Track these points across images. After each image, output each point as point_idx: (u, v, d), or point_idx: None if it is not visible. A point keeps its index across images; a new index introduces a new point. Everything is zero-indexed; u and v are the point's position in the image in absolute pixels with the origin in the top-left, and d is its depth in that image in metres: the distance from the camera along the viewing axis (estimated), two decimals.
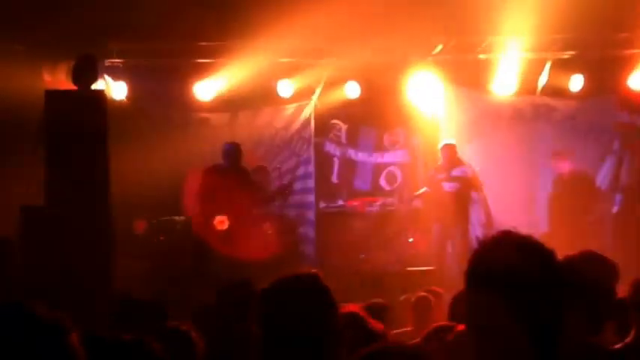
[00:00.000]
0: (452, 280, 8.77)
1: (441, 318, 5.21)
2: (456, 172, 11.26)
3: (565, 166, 11.59)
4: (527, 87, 12.04)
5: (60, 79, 10.08)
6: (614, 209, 12.05)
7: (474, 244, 2.14)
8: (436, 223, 11.34)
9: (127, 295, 5.02)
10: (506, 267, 1.95)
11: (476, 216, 12.04)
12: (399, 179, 12.69)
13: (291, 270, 2.72)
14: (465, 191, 11.33)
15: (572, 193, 11.37)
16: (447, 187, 11.23)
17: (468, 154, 12.17)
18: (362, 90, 11.95)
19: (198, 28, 10.36)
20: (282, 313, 2.57)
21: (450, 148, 11.32)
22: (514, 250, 2.00)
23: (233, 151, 10.48)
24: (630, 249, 11.05)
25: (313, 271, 2.72)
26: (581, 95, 12.02)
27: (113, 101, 10.89)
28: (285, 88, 11.88)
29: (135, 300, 4.56)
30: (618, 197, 12.11)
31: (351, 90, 11.97)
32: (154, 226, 11.10)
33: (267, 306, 2.62)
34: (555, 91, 12.08)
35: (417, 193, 11.74)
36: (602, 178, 12.19)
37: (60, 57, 10.26)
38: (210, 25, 10.09)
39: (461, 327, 3.11)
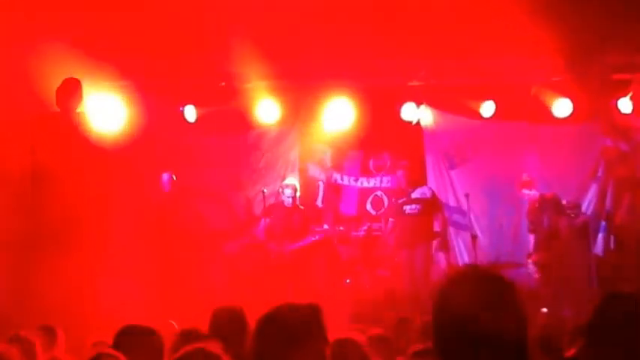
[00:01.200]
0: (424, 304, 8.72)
1: None
2: (415, 194, 11.23)
3: (535, 194, 11.54)
4: (512, 112, 12.06)
5: None
6: (600, 236, 12.06)
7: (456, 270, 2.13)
8: (403, 249, 11.25)
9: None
10: None
11: (461, 240, 12.03)
12: (386, 204, 12.67)
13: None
14: (426, 213, 11.20)
15: (544, 215, 11.34)
16: (408, 210, 11.19)
17: (453, 179, 12.22)
18: (348, 114, 11.94)
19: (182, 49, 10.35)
20: (279, 345, 2.58)
21: (408, 170, 11.30)
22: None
23: None
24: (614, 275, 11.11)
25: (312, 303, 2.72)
26: (565, 121, 12.05)
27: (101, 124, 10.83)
28: (271, 111, 11.85)
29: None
30: (603, 224, 12.12)
31: (337, 114, 11.95)
32: None
33: (262, 336, 2.63)
34: (540, 117, 12.10)
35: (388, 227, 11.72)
36: (587, 204, 12.21)
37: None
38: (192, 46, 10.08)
39: None
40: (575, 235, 11.32)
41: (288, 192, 11.24)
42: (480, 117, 12.07)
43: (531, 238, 11.46)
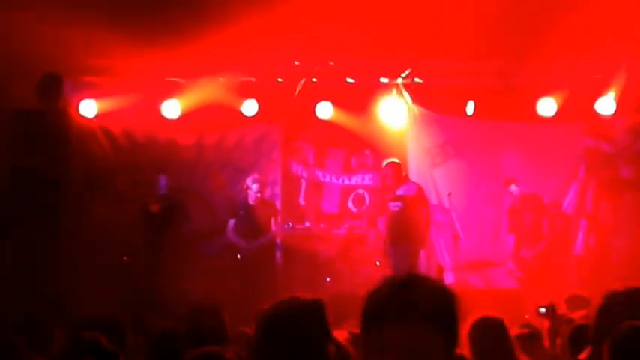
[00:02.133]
0: None
1: None
2: (400, 192, 11.16)
3: (517, 191, 11.56)
4: (495, 111, 12.08)
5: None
6: (579, 235, 12.12)
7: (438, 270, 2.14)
8: (388, 246, 11.21)
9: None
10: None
11: (443, 240, 12.04)
12: (367, 202, 12.68)
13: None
14: (409, 210, 11.01)
15: (525, 214, 11.38)
16: (392, 206, 11.12)
17: (435, 178, 12.23)
18: (330, 112, 11.93)
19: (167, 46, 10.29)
20: (282, 337, 2.55)
21: (393, 167, 11.17)
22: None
23: None
24: (594, 274, 11.17)
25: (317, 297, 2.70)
26: (548, 121, 12.08)
27: (80, 119, 10.79)
28: (253, 108, 11.82)
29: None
30: (583, 223, 12.17)
31: (322, 111, 11.94)
32: None
33: (266, 329, 2.59)
34: (522, 116, 12.13)
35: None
36: (567, 204, 12.26)
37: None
38: (178, 44, 10.03)
39: None
40: (556, 235, 11.39)
41: (255, 187, 11.16)
42: (464, 116, 12.09)
43: (511, 237, 11.51)
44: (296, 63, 11.35)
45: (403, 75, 11.78)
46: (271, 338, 2.58)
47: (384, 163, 11.25)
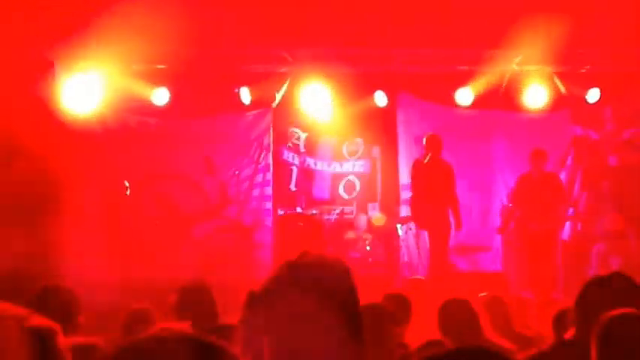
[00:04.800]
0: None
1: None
2: None
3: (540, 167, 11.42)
4: (485, 100, 12.17)
5: None
6: (566, 223, 12.25)
7: None
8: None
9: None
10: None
11: None
12: (358, 189, 12.78)
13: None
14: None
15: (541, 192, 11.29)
16: None
17: None
18: (322, 99, 12.00)
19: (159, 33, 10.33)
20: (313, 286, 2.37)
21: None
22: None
23: None
24: (578, 261, 11.31)
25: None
26: (537, 109, 12.17)
27: (68, 107, 10.81)
28: (245, 95, 11.88)
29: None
30: (571, 211, 12.29)
31: (311, 99, 12.01)
32: None
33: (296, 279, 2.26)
34: (511, 104, 12.22)
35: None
36: None
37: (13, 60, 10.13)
38: (169, 31, 10.06)
39: None
40: None
41: None
42: (454, 104, 12.18)
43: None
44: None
45: (394, 63, 11.82)
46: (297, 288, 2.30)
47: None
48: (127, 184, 10.97)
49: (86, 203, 10.82)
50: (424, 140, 10.96)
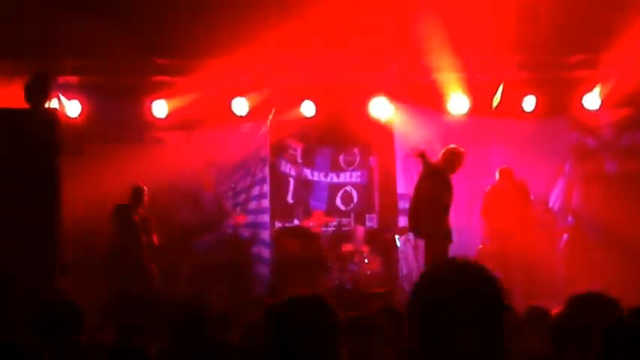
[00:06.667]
0: None
1: None
2: None
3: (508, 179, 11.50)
4: (481, 108, 12.15)
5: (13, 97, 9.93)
6: (566, 231, 12.21)
7: None
8: None
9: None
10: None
11: None
12: (355, 200, 12.73)
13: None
14: None
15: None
16: None
17: None
18: (318, 110, 11.98)
19: (153, 45, 10.32)
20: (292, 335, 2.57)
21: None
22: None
23: None
24: (578, 269, 11.26)
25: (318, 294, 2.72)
26: (534, 116, 12.15)
27: (67, 120, 10.77)
28: (241, 106, 11.84)
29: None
30: (570, 219, 12.26)
31: (307, 109, 11.99)
32: None
33: (277, 326, 2.60)
34: (509, 112, 12.19)
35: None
36: (554, 199, 12.34)
37: (13, 73, 10.11)
38: (166, 42, 10.05)
39: None
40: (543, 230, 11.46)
41: None
42: (449, 113, 12.15)
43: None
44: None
45: (389, 72, 11.78)
46: (279, 337, 2.60)
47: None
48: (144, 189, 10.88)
49: (81, 215, 10.78)
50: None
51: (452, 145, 10.29)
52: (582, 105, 12.00)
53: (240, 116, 11.93)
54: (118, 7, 9.61)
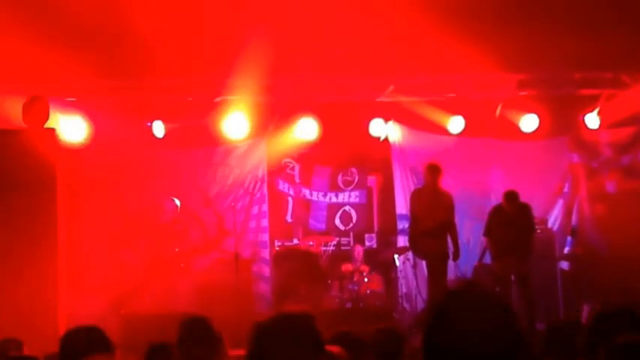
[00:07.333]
0: None
1: None
2: None
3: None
4: (479, 127, 12.16)
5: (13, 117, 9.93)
6: (566, 250, 12.19)
7: None
8: None
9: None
10: None
11: None
12: (354, 219, 12.72)
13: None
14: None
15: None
16: None
17: None
18: (316, 129, 11.98)
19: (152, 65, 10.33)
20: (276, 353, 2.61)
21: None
22: None
23: None
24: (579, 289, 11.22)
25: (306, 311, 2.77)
26: (532, 136, 12.16)
27: (67, 140, 10.79)
28: (239, 126, 11.83)
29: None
30: (569, 240, 12.24)
31: (305, 129, 11.99)
32: None
33: (262, 344, 2.65)
34: (507, 132, 12.20)
35: None
36: (554, 220, 12.33)
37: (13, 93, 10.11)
38: (161, 62, 10.05)
39: None
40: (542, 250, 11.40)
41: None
42: (447, 133, 12.16)
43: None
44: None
45: (387, 92, 11.78)
46: (264, 352, 2.66)
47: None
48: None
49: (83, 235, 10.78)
50: (426, 167, 10.85)
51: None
52: (583, 125, 12.01)
53: (238, 136, 11.93)
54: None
